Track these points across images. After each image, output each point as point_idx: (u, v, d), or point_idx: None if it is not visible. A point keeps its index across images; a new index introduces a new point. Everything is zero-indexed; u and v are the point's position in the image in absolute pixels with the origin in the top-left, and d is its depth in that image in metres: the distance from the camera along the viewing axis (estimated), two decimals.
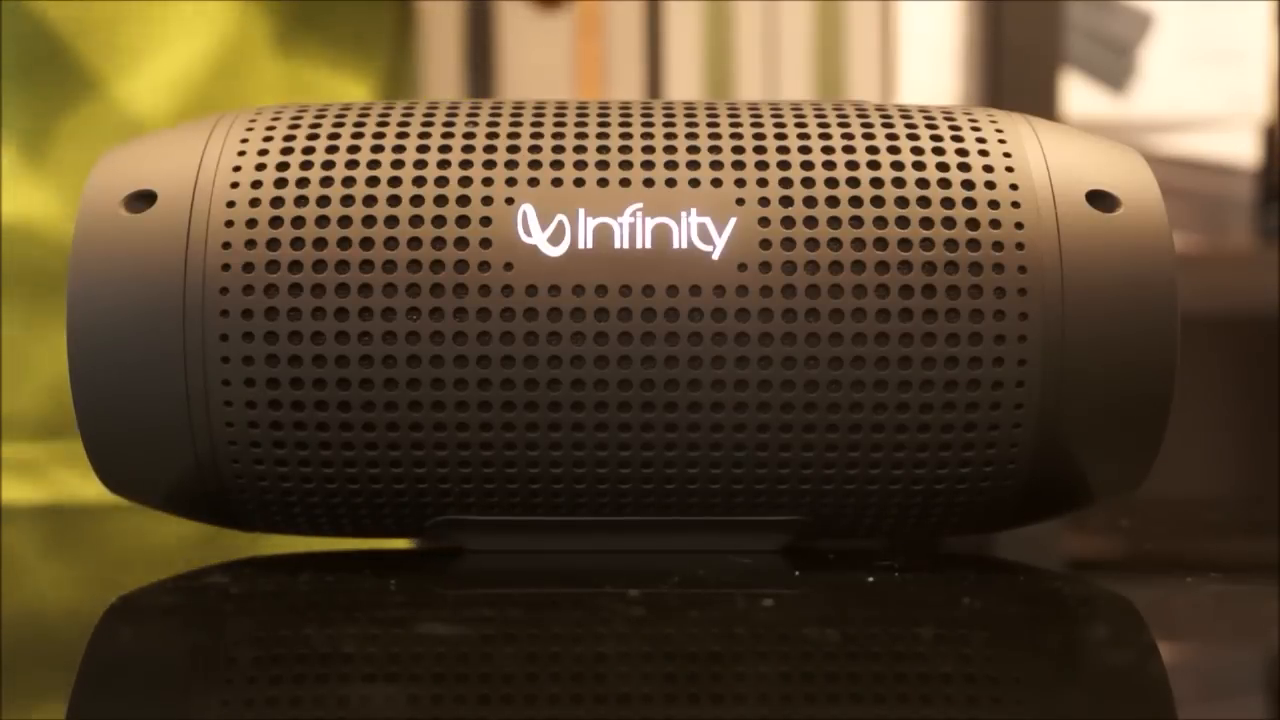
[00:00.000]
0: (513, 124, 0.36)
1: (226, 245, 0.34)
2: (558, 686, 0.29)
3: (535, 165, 0.35)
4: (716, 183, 0.35)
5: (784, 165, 0.35)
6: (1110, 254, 0.35)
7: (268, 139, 0.36)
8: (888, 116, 0.37)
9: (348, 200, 0.35)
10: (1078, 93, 1.08)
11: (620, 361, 0.34)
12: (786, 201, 0.35)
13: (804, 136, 0.36)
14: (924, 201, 0.35)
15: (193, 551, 0.44)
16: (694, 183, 0.35)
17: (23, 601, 0.38)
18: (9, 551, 0.46)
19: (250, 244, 0.34)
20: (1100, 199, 0.36)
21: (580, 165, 0.35)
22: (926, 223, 0.35)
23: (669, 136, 0.36)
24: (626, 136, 0.36)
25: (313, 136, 0.36)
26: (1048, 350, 0.35)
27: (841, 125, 0.36)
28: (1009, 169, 0.36)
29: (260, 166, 0.35)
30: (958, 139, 0.36)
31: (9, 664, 0.32)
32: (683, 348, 0.34)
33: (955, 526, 0.38)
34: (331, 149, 0.35)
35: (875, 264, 0.35)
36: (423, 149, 0.35)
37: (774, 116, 0.36)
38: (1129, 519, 0.47)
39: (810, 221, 0.35)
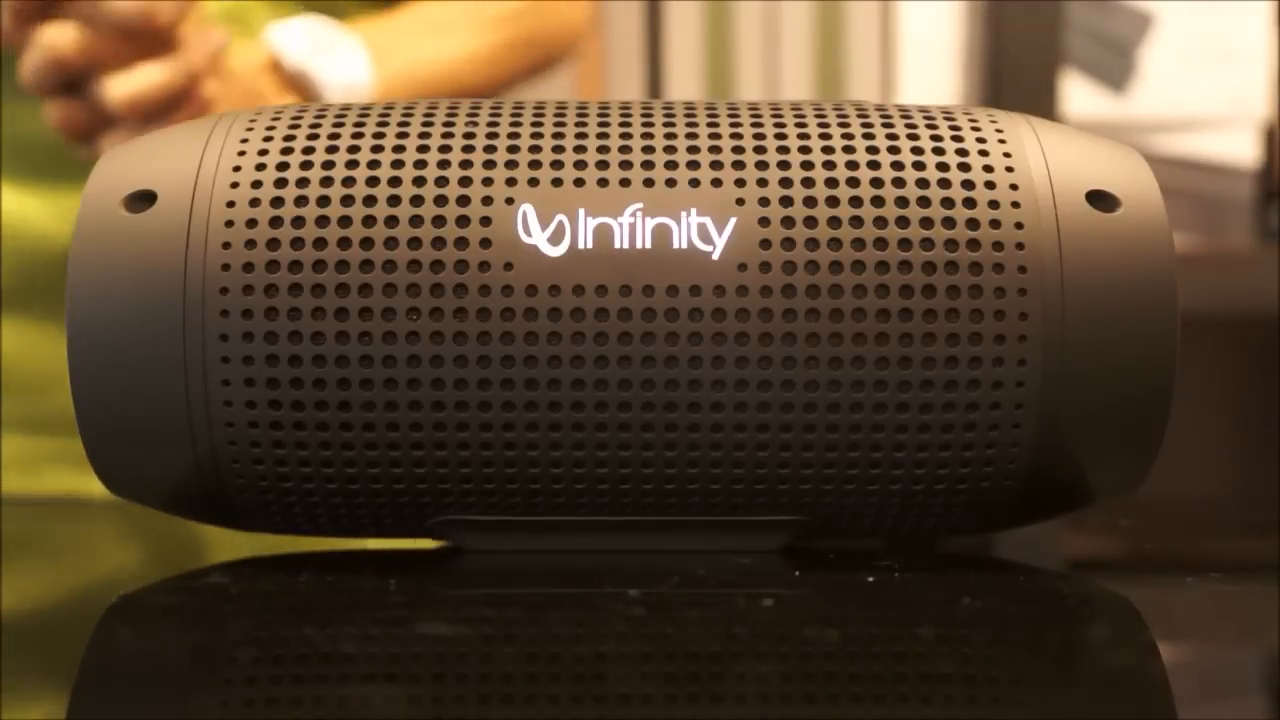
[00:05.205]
0: (513, 124, 0.36)
1: (226, 245, 0.34)
2: (558, 686, 0.29)
3: (535, 165, 0.35)
4: (716, 183, 0.35)
5: (784, 165, 0.35)
6: (1110, 254, 0.35)
7: (268, 139, 0.36)
8: (888, 117, 0.37)
9: (348, 200, 0.35)
10: (1078, 93, 1.08)
11: (620, 361, 0.34)
12: (786, 201, 0.35)
13: (804, 137, 0.36)
14: (924, 201, 0.35)
15: (192, 551, 0.44)
16: (694, 183, 0.35)
17: (23, 601, 0.38)
18: (10, 550, 0.45)
19: (250, 244, 0.34)
20: (1100, 199, 0.36)
21: (580, 165, 0.35)
22: (926, 223, 0.35)
23: (669, 137, 0.36)
24: (626, 136, 0.36)
25: (313, 137, 0.36)
26: (1048, 350, 0.35)
27: (841, 125, 0.36)
28: (1009, 169, 0.36)
29: (260, 166, 0.35)
30: (958, 139, 0.36)
31: (9, 664, 0.32)
32: (683, 348, 0.34)
33: (955, 526, 0.38)
34: (331, 149, 0.35)
35: (875, 264, 0.35)
36: (423, 149, 0.35)
37: (774, 117, 0.36)
38: (1129, 519, 0.47)
39: (810, 221, 0.35)
